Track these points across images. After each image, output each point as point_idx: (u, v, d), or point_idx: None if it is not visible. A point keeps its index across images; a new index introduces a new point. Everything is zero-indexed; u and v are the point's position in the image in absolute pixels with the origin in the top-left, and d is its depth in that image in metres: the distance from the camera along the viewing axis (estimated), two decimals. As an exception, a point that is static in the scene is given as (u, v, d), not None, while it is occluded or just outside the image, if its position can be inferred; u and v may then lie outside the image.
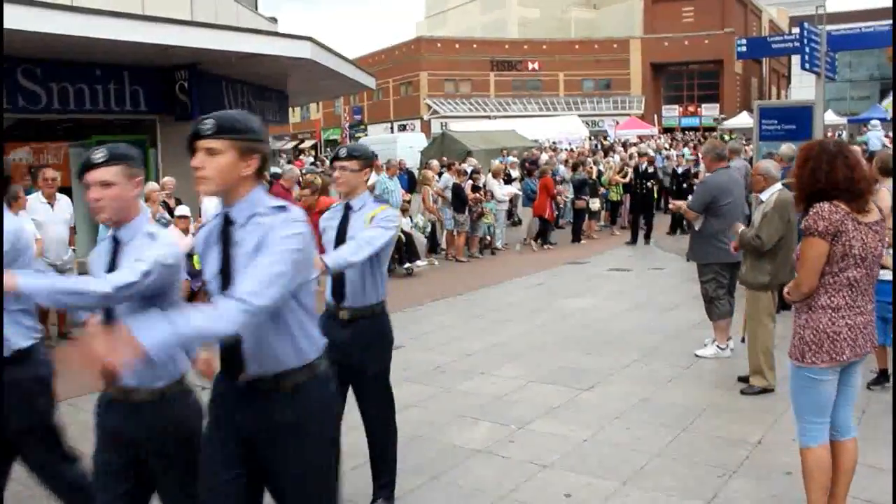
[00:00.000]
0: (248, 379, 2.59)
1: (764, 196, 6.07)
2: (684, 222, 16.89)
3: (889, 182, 6.08)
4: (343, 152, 3.96)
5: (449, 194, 13.74)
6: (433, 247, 14.10)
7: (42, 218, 8.01)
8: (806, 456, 3.67)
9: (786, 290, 3.77)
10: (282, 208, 2.53)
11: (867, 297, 3.60)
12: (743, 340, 6.79)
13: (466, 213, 13.66)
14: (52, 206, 8.23)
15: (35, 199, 8.14)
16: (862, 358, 3.65)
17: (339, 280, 3.95)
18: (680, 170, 17.60)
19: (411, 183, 18.10)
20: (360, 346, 3.95)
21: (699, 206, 7.07)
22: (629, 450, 4.98)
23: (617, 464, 4.75)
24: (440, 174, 14.70)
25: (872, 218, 3.55)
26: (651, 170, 15.99)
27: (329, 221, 4.07)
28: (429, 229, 13.91)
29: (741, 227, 6.08)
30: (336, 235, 3.97)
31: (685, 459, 4.82)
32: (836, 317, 3.53)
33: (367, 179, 4.13)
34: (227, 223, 2.57)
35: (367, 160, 4.01)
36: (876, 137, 24.26)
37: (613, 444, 5.09)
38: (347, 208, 4.00)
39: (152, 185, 10.13)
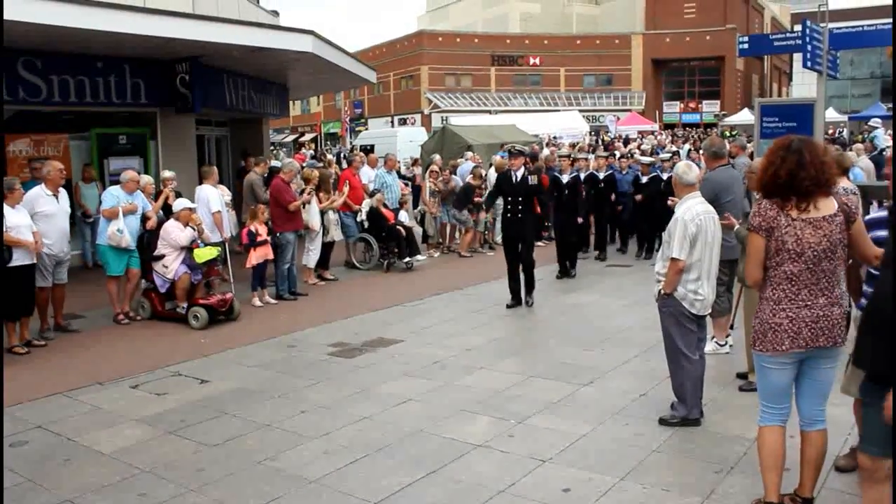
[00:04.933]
0: None
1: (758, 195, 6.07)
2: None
3: (843, 181, 6.09)
4: None
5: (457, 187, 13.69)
6: (424, 237, 14.09)
7: (51, 210, 7.90)
8: (759, 433, 3.91)
9: None
10: None
11: (816, 291, 3.62)
12: (732, 327, 6.84)
13: (467, 211, 13.62)
14: (56, 198, 8.09)
15: (39, 192, 7.96)
16: (822, 351, 3.67)
17: None
18: (665, 175, 12.00)
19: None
20: None
21: None
22: (628, 445, 4.99)
23: (616, 459, 4.76)
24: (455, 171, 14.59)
25: (817, 214, 3.57)
26: (533, 180, 9.24)
27: None
28: (419, 218, 13.91)
29: (736, 224, 6.05)
30: None
31: (683, 455, 4.84)
32: (777, 309, 3.67)
33: None
34: None
35: None
36: (882, 135, 24.36)
37: (612, 440, 5.10)
38: None
39: (147, 178, 10.03)
